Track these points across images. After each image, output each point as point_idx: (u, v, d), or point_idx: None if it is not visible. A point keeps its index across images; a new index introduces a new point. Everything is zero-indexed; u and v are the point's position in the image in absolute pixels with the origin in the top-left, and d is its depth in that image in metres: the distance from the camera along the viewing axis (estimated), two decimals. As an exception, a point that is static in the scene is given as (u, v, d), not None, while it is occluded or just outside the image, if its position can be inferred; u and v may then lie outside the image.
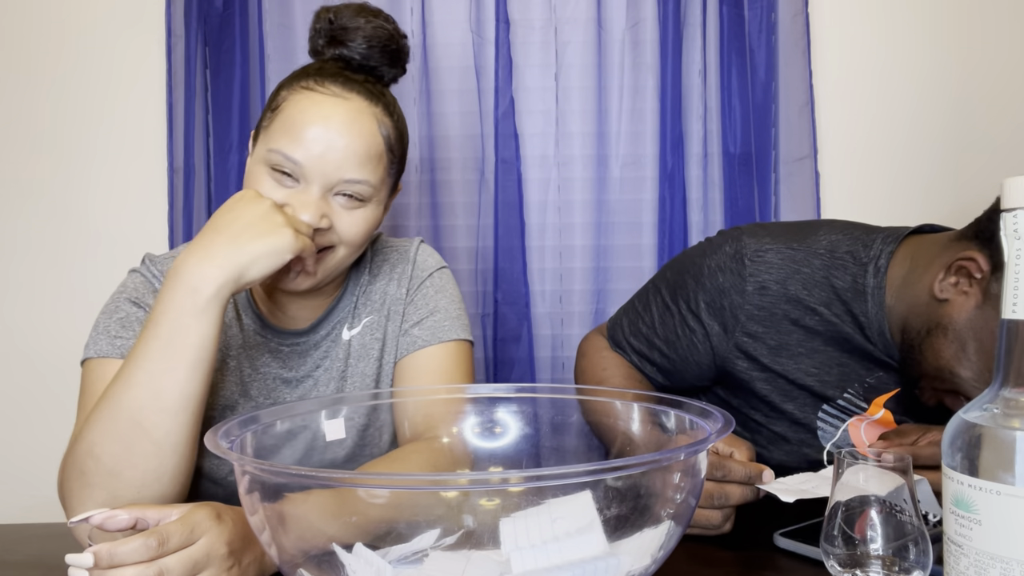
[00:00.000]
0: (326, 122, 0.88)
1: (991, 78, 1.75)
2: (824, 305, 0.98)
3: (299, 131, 0.88)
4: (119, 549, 0.61)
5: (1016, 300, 0.50)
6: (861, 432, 0.99)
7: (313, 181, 0.88)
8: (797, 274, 0.98)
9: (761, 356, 1.00)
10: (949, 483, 0.52)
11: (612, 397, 0.79)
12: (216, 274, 0.79)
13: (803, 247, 1.00)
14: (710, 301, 1.01)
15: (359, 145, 0.89)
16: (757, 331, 0.99)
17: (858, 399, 1.00)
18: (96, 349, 0.91)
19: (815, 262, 0.98)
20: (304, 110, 0.89)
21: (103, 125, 1.73)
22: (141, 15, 1.71)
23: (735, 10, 1.66)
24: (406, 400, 0.95)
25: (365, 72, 0.95)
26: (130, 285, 0.98)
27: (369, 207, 0.93)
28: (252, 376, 0.99)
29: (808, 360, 0.99)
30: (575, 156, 1.70)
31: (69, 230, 1.74)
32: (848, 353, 0.98)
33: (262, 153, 0.90)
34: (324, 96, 0.90)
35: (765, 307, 0.99)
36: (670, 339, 1.07)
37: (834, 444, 1.00)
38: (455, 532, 0.61)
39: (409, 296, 1.05)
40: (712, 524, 0.82)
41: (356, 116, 0.90)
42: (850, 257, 0.98)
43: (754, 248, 1.00)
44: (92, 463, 0.77)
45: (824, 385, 0.99)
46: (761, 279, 0.99)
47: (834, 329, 0.98)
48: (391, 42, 0.95)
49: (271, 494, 0.56)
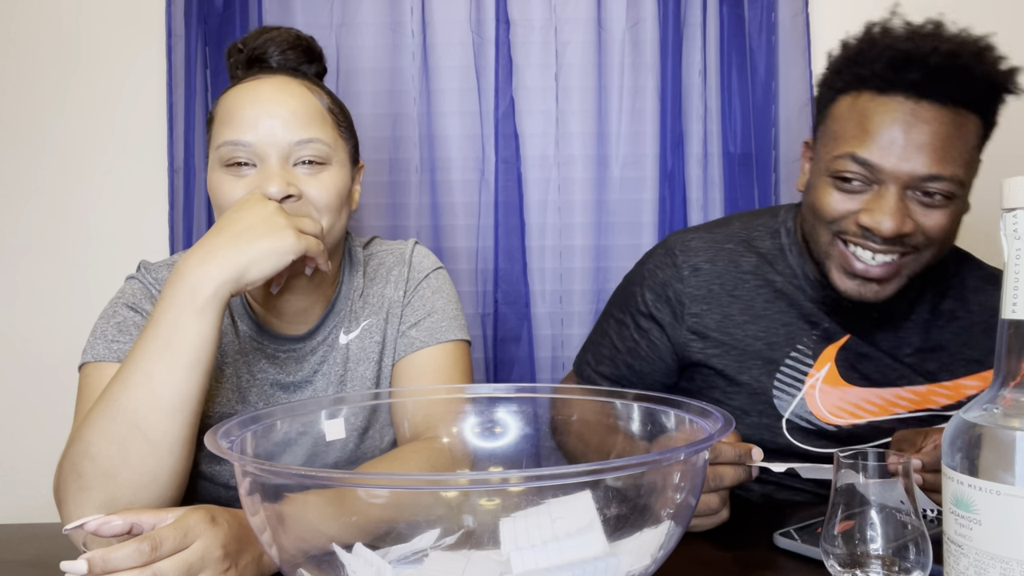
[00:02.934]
0: (258, 96, 0.92)
1: (991, 78, 1.75)
2: (752, 272, 1.08)
3: (237, 115, 0.91)
4: (113, 555, 0.61)
5: (1016, 300, 0.50)
6: (817, 399, 1.03)
7: (267, 155, 0.90)
8: (722, 250, 1.09)
9: (711, 332, 1.07)
10: (949, 483, 0.52)
11: (612, 397, 0.79)
12: (215, 274, 0.79)
13: (722, 231, 1.12)
14: (655, 297, 1.10)
15: (297, 106, 0.92)
16: (702, 310, 1.07)
17: (806, 356, 1.05)
18: (94, 353, 0.92)
19: (735, 238, 1.10)
20: (235, 98, 0.93)
21: (103, 125, 1.73)
22: (141, 15, 1.71)
23: (735, 10, 1.66)
24: (406, 400, 0.95)
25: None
26: (128, 291, 0.98)
27: (332, 169, 0.94)
28: (250, 382, 0.98)
29: (753, 326, 1.06)
30: (575, 156, 1.70)
31: (69, 230, 1.74)
32: (787, 310, 1.06)
33: (213, 158, 0.93)
34: (250, 82, 0.94)
35: (703, 286, 1.08)
36: (631, 348, 1.13)
37: (792, 412, 1.04)
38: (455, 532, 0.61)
39: (407, 298, 1.05)
40: (710, 508, 0.82)
41: (284, 86, 0.94)
42: (763, 227, 1.11)
43: (680, 240, 1.12)
44: (88, 464, 0.77)
45: (772, 348, 1.05)
46: (692, 262, 1.09)
47: (768, 290, 1.07)
48: (300, 41, 1.00)
49: (271, 495, 0.56)
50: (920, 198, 0.92)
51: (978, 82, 0.91)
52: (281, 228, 0.83)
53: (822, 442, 1.05)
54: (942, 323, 1.05)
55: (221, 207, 0.92)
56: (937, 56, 0.89)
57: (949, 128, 0.91)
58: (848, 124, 0.94)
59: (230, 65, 1.00)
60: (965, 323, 1.05)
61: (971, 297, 1.07)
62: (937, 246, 0.95)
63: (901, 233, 0.91)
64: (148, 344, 0.78)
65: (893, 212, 0.91)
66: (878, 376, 1.04)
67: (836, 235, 0.97)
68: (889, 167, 0.91)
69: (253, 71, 0.97)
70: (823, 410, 1.04)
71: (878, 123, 0.91)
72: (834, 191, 0.95)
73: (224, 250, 0.81)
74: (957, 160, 0.92)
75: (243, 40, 1.00)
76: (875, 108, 0.92)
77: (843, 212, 0.95)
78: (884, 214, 0.91)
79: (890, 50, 0.91)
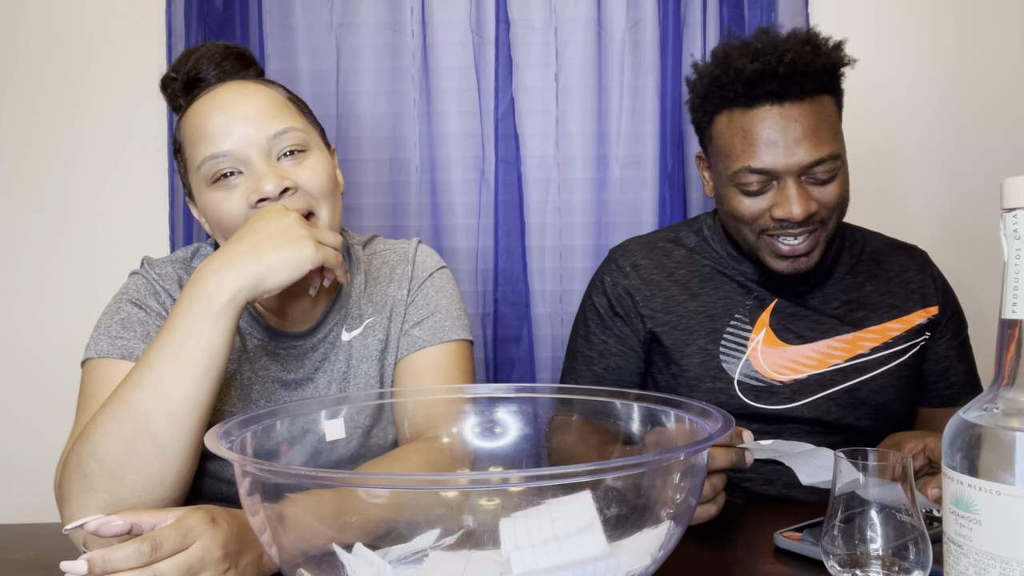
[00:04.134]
0: (221, 104, 0.92)
1: (991, 78, 1.75)
2: (684, 261, 1.23)
3: (205, 129, 0.91)
4: (113, 555, 0.61)
5: (1016, 300, 0.50)
6: (760, 359, 1.17)
7: (249, 158, 0.90)
8: (655, 248, 1.25)
9: (657, 313, 1.20)
10: (949, 483, 0.52)
11: (612, 397, 0.79)
12: (233, 280, 0.80)
13: (652, 236, 1.29)
14: (609, 299, 1.23)
15: (260, 102, 0.93)
16: (647, 296, 1.21)
17: (744, 323, 1.18)
18: (97, 349, 0.92)
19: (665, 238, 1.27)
20: (197, 115, 0.93)
21: (104, 125, 1.73)
22: (141, 15, 1.71)
23: (735, 10, 1.67)
24: (406, 400, 0.95)
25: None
26: (131, 287, 0.98)
27: (314, 154, 0.95)
28: (252, 380, 0.99)
29: (693, 303, 1.20)
30: (575, 156, 1.70)
31: (70, 230, 1.74)
32: (720, 286, 1.21)
33: (196, 181, 0.93)
34: (206, 95, 0.94)
35: (643, 278, 1.22)
36: (603, 351, 1.23)
37: (741, 373, 1.17)
38: (455, 532, 0.61)
39: (410, 296, 1.05)
40: (703, 496, 0.82)
41: (241, 87, 0.94)
42: (686, 228, 1.28)
43: (619, 248, 1.28)
44: (95, 464, 0.77)
45: (713, 319, 1.19)
46: (631, 260, 1.24)
47: (700, 274, 1.22)
48: (230, 50, 1.00)
49: (272, 495, 0.56)
50: (813, 180, 1.08)
51: (819, 70, 1.06)
52: (300, 239, 0.83)
53: (773, 399, 1.16)
54: (861, 279, 1.21)
55: (222, 225, 0.92)
56: (783, 65, 1.04)
57: (813, 117, 1.06)
58: (734, 141, 1.09)
59: (169, 97, 1.00)
60: (882, 278, 1.21)
61: (882, 259, 1.23)
62: (840, 210, 1.12)
63: (809, 213, 1.07)
64: (162, 347, 0.78)
65: (797, 200, 1.06)
66: (810, 333, 1.18)
67: (759, 233, 1.12)
68: (780, 167, 1.06)
69: (195, 94, 0.97)
70: (767, 368, 1.17)
71: (757, 135, 1.07)
72: (743, 198, 1.11)
73: (243, 258, 0.81)
74: (829, 139, 1.07)
75: (173, 68, 1.00)
76: (750, 122, 1.07)
77: (757, 212, 1.10)
78: (791, 204, 1.06)
79: (743, 73, 1.06)
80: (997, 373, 0.52)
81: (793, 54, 1.04)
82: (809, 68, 1.05)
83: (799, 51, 1.04)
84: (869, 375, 1.16)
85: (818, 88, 1.07)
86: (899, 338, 1.18)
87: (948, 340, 1.20)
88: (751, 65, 1.05)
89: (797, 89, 1.05)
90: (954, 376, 1.20)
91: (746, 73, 1.05)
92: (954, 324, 1.21)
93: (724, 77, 1.08)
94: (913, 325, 1.18)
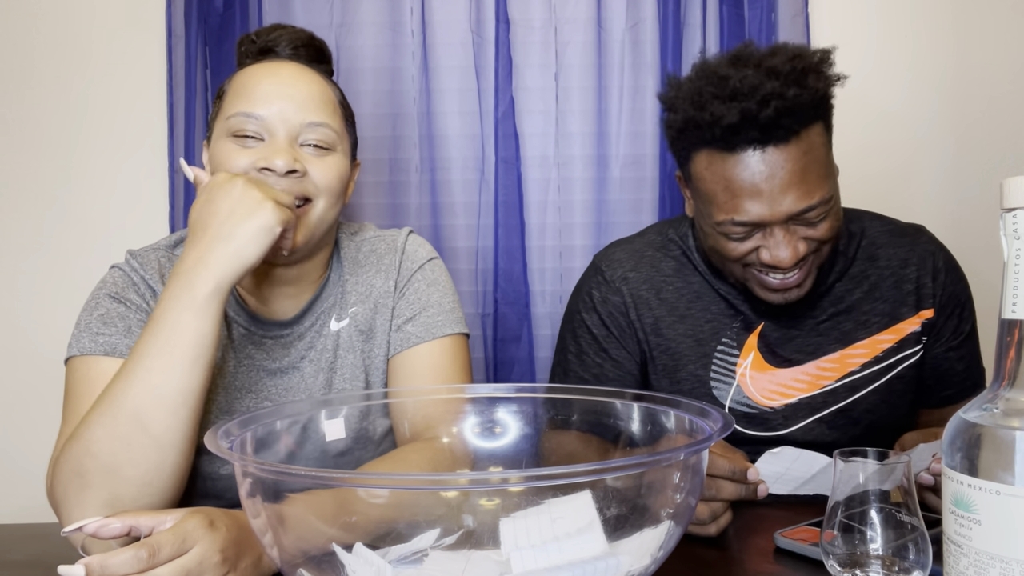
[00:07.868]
0: (277, 77, 0.94)
1: (991, 78, 1.75)
2: (674, 274, 1.17)
3: (253, 89, 0.93)
4: (111, 560, 0.61)
5: (1016, 300, 0.50)
6: (749, 385, 1.12)
7: (277, 131, 0.92)
8: (643, 258, 1.19)
9: (648, 335, 1.16)
10: (949, 483, 0.52)
11: (612, 397, 0.79)
12: (213, 271, 0.80)
13: (640, 240, 1.22)
14: (599, 316, 1.17)
15: (313, 90, 0.95)
16: (637, 315, 1.16)
17: (731, 347, 1.14)
18: (79, 347, 0.91)
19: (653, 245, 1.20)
20: (253, 73, 0.95)
21: (104, 125, 1.73)
22: (141, 15, 1.71)
23: (735, 10, 1.66)
24: (405, 400, 0.94)
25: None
26: (109, 281, 0.98)
27: (336, 155, 0.96)
28: (236, 368, 0.98)
29: (681, 325, 1.15)
30: (575, 156, 1.70)
31: (70, 230, 1.74)
32: (708, 307, 1.15)
33: (220, 128, 0.94)
34: (268, 63, 0.97)
35: (632, 293, 1.16)
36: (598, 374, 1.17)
37: (732, 400, 1.13)
38: (455, 532, 0.61)
39: (399, 290, 1.04)
40: (699, 519, 0.82)
41: (301, 72, 0.97)
42: (673, 231, 1.20)
43: (605, 256, 1.21)
44: (90, 462, 0.76)
45: (701, 343, 1.14)
46: (619, 273, 1.18)
47: (688, 292, 1.16)
48: (313, 40, 1.03)
49: (272, 495, 0.56)
50: (803, 223, 1.00)
51: (808, 102, 0.96)
52: (259, 203, 0.83)
53: (765, 425, 1.12)
54: (852, 285, 1.14)
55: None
56: (765, 112, 0.93)
57: (801, 160, 0.96)
58: (715, 189, 1.00)
59: (240, 54, 1.02)
60: (874, 279, 1.14)
61: (880, 252, 1.15)
62: (832, 240, 1.04)
63: (798, 258, 1.00)
64: (149, 341, 0.79)
65: (785, 246, 0.99)
66: (798, 356, 1.13)
67: (746, 267, 1.05)
68: (767, 217, 0.98)
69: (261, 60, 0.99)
70: (756, 395, 1.12)
71: (740, 185, 0.97)
72: (729, 241, 1.03)
73: (214, 245, 0.81)
74: (818, 183, 0.98)
75: (256, 32, 1.02)
76: (731, 169, 0.97)
77: (742, 253, 1.03)
78: (779, 250, 0.99)
79: (720, 120, 0.95)
80: (997, 373, 0.52)
81: (776, 100, 0.93)
82: (795, 109, 0.94)
83: (783, 93, 0.93)
84: (861, 393, 1.12)
85: (805, 121, 0.97)
86: (890, 351, 1.13)
87: (946, 341, 1.15)
88: (729, 114, 0.94)
89: (782, 132, 0.95)
90: (953, 378, 1.17)
91: (724, 121, 0.95)
92: (954, 323, 1.15)
93: (700, 119, 0.97)
94: (905, 335, 1.13)
